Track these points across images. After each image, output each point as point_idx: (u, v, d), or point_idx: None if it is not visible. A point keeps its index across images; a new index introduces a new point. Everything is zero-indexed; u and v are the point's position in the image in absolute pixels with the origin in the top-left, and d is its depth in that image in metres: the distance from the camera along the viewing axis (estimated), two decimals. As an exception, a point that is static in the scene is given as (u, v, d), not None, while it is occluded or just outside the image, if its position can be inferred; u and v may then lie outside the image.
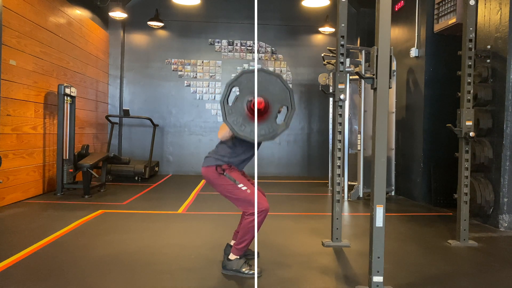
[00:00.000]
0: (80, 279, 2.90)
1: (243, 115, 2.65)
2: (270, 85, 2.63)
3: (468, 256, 3.63)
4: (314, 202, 6.32)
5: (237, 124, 2.64)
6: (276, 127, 2.68)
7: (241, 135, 2.65)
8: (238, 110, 2.65)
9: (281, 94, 2.66)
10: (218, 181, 3.03)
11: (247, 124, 2.64)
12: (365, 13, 9.12)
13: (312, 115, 9.73)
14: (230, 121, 2.63)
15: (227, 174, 3.00)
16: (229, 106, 2.63)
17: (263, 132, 2.66)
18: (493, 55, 4.71)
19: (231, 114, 2.65)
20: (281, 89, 2.66)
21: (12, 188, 5.43)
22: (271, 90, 2.63)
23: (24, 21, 5.65)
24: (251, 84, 2.61)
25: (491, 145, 4.67)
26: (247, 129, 2.64)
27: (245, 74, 2.64)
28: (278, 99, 2.66)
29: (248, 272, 2.99)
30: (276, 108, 2.67)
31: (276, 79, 2.66)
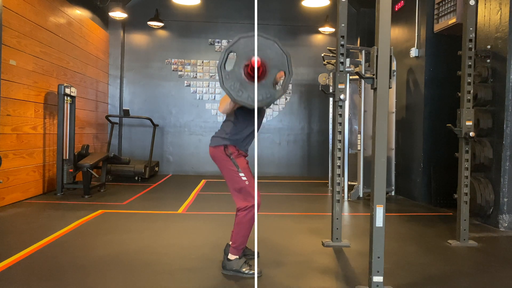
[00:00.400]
0: (80, 279, 2.90)
1: (240, 81, 2.63)
2: (268, 50, 2.60)
3: (468, 256, 3.63)
4: (314, 202, 6.32)
5: (235, 89, 2.62)
6: (274, 92, 2.67)
7: (239, 101, 2.63)
8: (236, 75, 2.63)
9: (278, 59, 2.64)
10: (223, 162, 3.05)
11: (245, 90, 2.63)
12: (365, 13, 9.12)
13: (312, 115, 9.73)
14: (227, 87, 2.62)
15: (233, 159, 3.01)
16: (226, 71, 2.62)
17: (261, 98, 2.64)
18: (493, 55, 4.71)
19: (228, 79, 2.64)
20: (278, 54, 2.64)
21: (12, 188, 5.43)
22: (269, 55, 2.61)
23: (24, 21, 5.65)
24: (248, 49, 2.59)
25: (491, 145, 4.67)
26: (244, 94, 2.63)
27: (242, 39, 2.63)
28: (276, 64, 2.64)
29: (248, 272, 2.99)
30: (274, 73, 2.65)
31: (273, 43, 2.64)
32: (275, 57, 2.64)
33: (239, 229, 3.02)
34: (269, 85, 2.62)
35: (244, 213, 2.98)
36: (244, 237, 3.03)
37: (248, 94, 2.64)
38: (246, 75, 2.64)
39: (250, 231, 3.03)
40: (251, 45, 2.58)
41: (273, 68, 2.64)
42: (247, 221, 2.98)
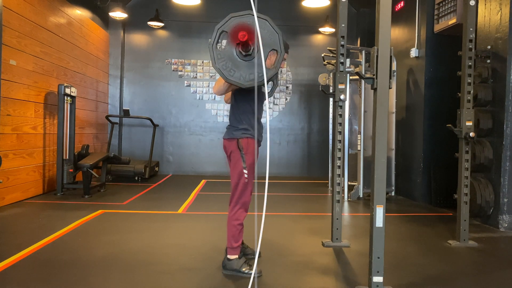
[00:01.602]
0: (80, 279, 2.90)
1: (232, 60, 2.63)
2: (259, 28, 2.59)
3: (468, 257, 3.63)
4: (314, 202, 6.32)
5: (227, 69, 2.62)
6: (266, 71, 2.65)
7: (231, 80, 2.63)
8: (227, 54, 2.62)
9: (270, 38, 2.63)
10: (234, 155, 3.06)
11: (236, 69, 2.62)
12: (365, 13, 9.12)
13: (312, 115, 9.73)
14: (219, 66, 2.62)
15: (244, 154, 3.02)
16: (218, 51, 2.61)
17: (252, 77, 2.64)
18: (493, 56, 4.71)
19: (220, 59, 2.63)
20: (270, 32, 2.63)
21: (12, 188, 5.43)
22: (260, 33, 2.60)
23: (24, 21, 5.65)
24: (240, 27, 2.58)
25: (491, 146, 4.67)
26: (236, 74, 2.63)
27: (233, 17, 2.63)
28: (268, 43, 2.63)
29: (248, 272, 2.99)
30: (266, 51, 2.64)
31: (265, 22, 2.63)
32: (267, 36, 2.63)
33: (228, 229, 3.06)
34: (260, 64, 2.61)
35: (234, 210, 3.04)
36: (233, 236, 3.04)
37: (240, 73, 2.63)
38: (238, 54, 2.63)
39: (239, 230, 3.05)
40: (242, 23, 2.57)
41: (265, 47, 2.62)
42: (235, 219, 3.03)
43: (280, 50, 2.64)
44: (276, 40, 2.63)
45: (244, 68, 2.64)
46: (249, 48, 2.63)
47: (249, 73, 2.63)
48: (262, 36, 2.59)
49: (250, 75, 2.63)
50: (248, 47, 2.63)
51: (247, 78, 2.64)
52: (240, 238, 3.08)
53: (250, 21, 2.56)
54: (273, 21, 2.67)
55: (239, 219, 3.04)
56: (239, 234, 3.05)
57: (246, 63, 2.66)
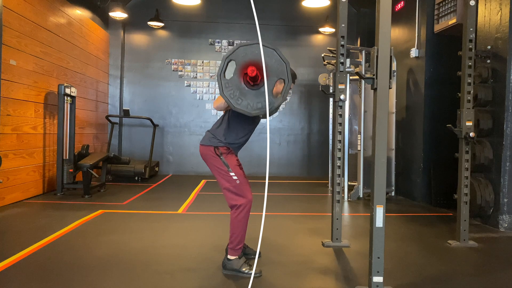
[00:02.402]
0: (80, 279, 2.90)
1: (240, 88, 2.64)
2: (267, 58, 2.60)
3: (468, 257, 3.63)
4: (314, 202, 6.32)
5: (234, 97, 2.63)
6: (273, 100, 2.66)
7: (238, 109, 2.64)
8: (235, 83, 2.63)
9: (278, 67, 2.64)
10: (213, 162, 3.05)
11: (244, 97, 2.63)
12: (365, 13, 9.12)
13: (312, 115, 9.73)
14: (227, 95, 2.62)
15: (223, 158, 3.00)
16: (226, 79, 2.62)
17: (260, 106, 2.65)
18: (493, 56, 4.71)
19: (228, 87, 2.64)
20: (277, 61, 2.64)
21: (12, 188, 5.43)
22: (268, 63, 2.60)
23: (24, 21, 5.65)
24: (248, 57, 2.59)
25: (491, 146, 4.67)
26: (244, 102, 2.63)
27: (241, 47, 2.63)
28: (275, 72, 2.64)
29: (248, 272, 2.99)
30: (273, 80, 2.65)
31: (273, 51, 2.64)
32: (274, 65, 2.64)
33: (234, 229, 3.02)
34: (268, 93, 2.62)
35: (236, 213, 2.99)
36: (238, 236, 3.02)
37: (248, 102, 2.64)
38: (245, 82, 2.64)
39: (244, 230, 3.03)
40: (250, 53, 2.58)
41: (272, 76, 2.64)
42: (240, 220, 2.98)
43: (288, 80, 2.66)
44: (283, 70, 2.65)
45: (251, 96, 2.66)
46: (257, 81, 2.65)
47: (257, 102, 2.65)
48: (270, 65, 2.61)
49: (257, 104, 2.65)
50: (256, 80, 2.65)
51: (255, 107, 2.66)
52: (243, 240, 3.08)
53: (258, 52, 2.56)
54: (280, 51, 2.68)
55: (244, 220, 3.01)
56: (243, 236, 3.05)
57: (254, 92, 2.68)
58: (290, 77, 2.69)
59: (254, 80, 2.66)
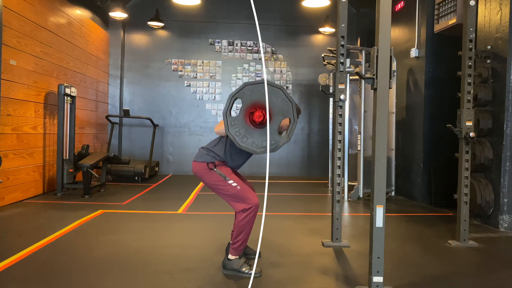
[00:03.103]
0: (80, 279, 2.90)
1: (245, 127, 2.66)
2: (273, 97, 2.64)
3: (468, 257, 3.63)
4: (314, 202, 6.32)
5: (239, 135, 2.65)
6: (278, 139, 2.70)
7: (243, 147, 2.66)
8: (241, 121, 2.65)
9: (283, 106, 2.68)
10: (207, 176, 3.02)
11: (249, 136, 2.66)
12: (365, 13, 9.12)
13: (312, 115, 9.73)
14: (232, 132, 2.65)
15: (217, 170, 2.99)
16: (232, 117, 2.65)
17: (265, 144, 2.67)
18: (493, 56, 4.71)
19: (234, 125, 2.66)
20: (283, 101, 2.67)
21: (12, 188, 5.43)
22: (274, 102, 2.65)
23: (24, 21, 5.65)
24: (254, 96, 2.62)
25: (491, 146, 4.67)
26: (249, 140, 2.66)
27: (248, 86, 2.66)
28: (281, 111, 2.67)
29: (248, 272, 2.99)
30: (279, 119, 2.68)
31: (279, 91, 2.67)
32: (280, 104, 2.68)
33: (239, 231, 3.00)
34: (273, 132, 2.65)
35: (243, 215, 2.96)
36: (243, 239, 3.02)
37: (253, 140, 2.67)
38: (250, 122, 2.66)
39: (249, 233, 3.03)
40: (256, 92, 2.61)
41: (278, 115, 2.67)
42: (246, 223, 2.97)
43: (294, 120, 2.68)
44: (289, 109, 2.69)
45: (257, 135, 2.68)
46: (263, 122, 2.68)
47: (262, 140, 2.67)
48: (276, 104, 2.65)
49: (262, 142, 2.67)
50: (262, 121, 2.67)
51: (260, 145, 2.68)
52: (247, 242, 3.07)
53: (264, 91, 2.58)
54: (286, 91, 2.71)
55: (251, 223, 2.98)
56: (247, 237, 3.04)
57: (259, 130, 2.70)
58: (296, 116, 2.71)
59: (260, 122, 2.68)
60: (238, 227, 3.00)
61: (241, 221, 2.98)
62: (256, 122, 2.67)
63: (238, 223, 3.00)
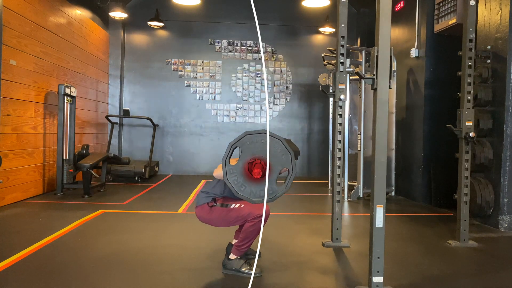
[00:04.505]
0: (80, 279, 2.90)
1: (243, 176, 2.68)
2: (272, 148, 2.67)
3: (468, 257, 3.63)
4: (314, 202, 6.32)
5: (238, 184, 2.68)
6: (276, 189, 2.72)
7: (241, 196, 2.68)
8: (239, 170, 2.67)
9: (282, 156, 2.70)
10: (212, 216, 3.05)
11: (247, 185, 2.68)
12: (365, 13, 9.12)
13: (312, 115, 9.73)
14: (230, 181, 2.67)
15: (218, 203, 3.03)
16: (231, 166, 2.66)
17: (263, 194, 2.68)
18: (493, 56, 4.71)
19: (232, 173, 2.68)
20: (282, 151, 2.70)
21: (12, 188, 5.43)
22: (273, 153, 2.67)
23: (24, 21, 5.65)
24: (253, 146, 2.65)
25: (491, 146, 4.67)
26: (247, 189, 2.68)
27: (247, 135, 2.68)
28: (280, 161, 2.70)
29: (248, 272, 2.99)
30: (277, 169, 2.70)
31: (279, 141, 2.69)
32: (279, 155, 2.70)
33: (245, 236, 3.00)
34: (272, 182, 2.66)
35: (252, 222, 2.95)
36: (249, 243, 3.04)
37: (251, 190, 2.69)
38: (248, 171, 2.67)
39: (255, 238, 3.03)
40: (256, 142, 2.63)
41: (277, 165, 2.68)
42: (254, 230, 2.96)
43: (292, 170, 2.69)
44: (288, 160, 2.70)
45: (255, 184, 2.68)
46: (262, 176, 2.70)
47: (260, 190, 2.69)
48: (275, 155, 2.67)
49: (260, 192, 2.69)
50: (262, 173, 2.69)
51: (257, 195, 2.70)
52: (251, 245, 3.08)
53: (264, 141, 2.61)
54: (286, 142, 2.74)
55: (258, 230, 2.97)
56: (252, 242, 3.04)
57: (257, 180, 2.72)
58: (295, 167, 2.72)
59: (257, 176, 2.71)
60: (246, 232, 2.99)
61: (250, 227, 2.97)
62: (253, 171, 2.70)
63: (246, 228, 2.99)
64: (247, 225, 2.98)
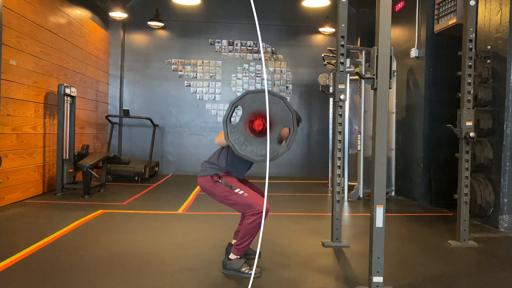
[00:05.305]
0: (80, 279, 2.90)
1: (244, 135, 2.67)
2: (273, 106, 2.65)
3: (468, 257, 3.63)
4: (314, 202, 6.32)
5: (239, 143, 2.66)
6: (277, 148, 2.70)
7: (242, 155, 2.67)
8: (240, 129, 2.66)
9: (284, 116, 2.68)
10: (214, 190, 3.03)
11: (248, 144, 2.66)
12: (365, 13, 9.12)
13: (312, 115, 9.73)
14: (231, 140, 2.65)
15: (223, 181, 3.00)
16: (232, 125, 2.65)
17: (264, 153, 2.67)
18: (493, 56, 4.71)
19: (233, 133, 2.67)
20: (284, 110, 2.68)
21: (12, 188, 5.43)
22: (274, 111, 2.65)
23: (24, 21, 5.65)
24: (255, 104, 2.63)
25: (491, 146, 4.67)
26: (248, 148, 2.67)
27: (249, 94, 2.67)
28: (281, 121, 2.68)
29: (248, 272, 2.98)
30: (279, 129, 2.68)
31: (280, 100, 2.67)
32: (280, 114, 2.69)
33: (245, 233, 3.00)
34: (273, 141, 2.65)
35: (253, 218, 2.94)
36: (249, 241, 3.03)
37: (252, 148, 2.67)
38: (250, 130, 2.67)
39: (254, 236, 3.02)
40: (257, 101, 2.62)
41: (278, 124, 2.67)
42: (254, 227, 2.95)
43: (293, 129, 2.68)
44: (289, 119, 2.69)
45: (256, 143, 2.68)
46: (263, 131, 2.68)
47: (261, 149, 2.68)
48: (276, 114, 2.65)
49: (261, 151, 2.68)
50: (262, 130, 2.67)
51: (259, 154, 2.68)
52: (251, 243, 3.07)
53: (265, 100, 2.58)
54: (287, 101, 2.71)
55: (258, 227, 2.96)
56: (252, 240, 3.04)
57: (259, 139, 2.70)
58: (296, 127, 2.71)
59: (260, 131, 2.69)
60: (245, 230, 2.99)
61: (249, 224, 2.96)
62: (255, 131, 2.68)
63: (245, 225, 2.98)
64: (246, 221, 2.97)
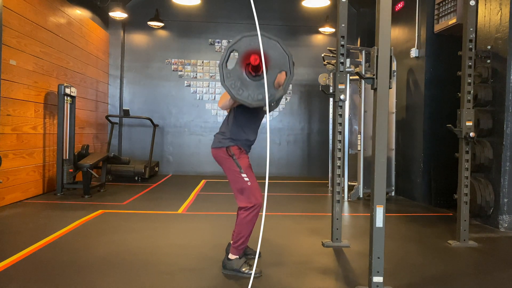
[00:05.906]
0: (80, 279, 2.90)
1: (241, 79, 2.64)
2: (270, 50, 2.61)
3: (468, 257, 3.63)
4: (314, 202, 6.32)
5: (235, 88, 2.64)
6: (274, 92, 2.67)
7: (239, 99, 2.64)
8: (237, 74, 2.64)
9: (280, 59, 2.65)
10: (226, 162, 3.04)
11: (245, 88, 2.64)
12: (365, 13, 9.13)
13: (312, 115, 9.73)
14: (228, 85, 2.63)
15: (236, 159, 3.00)
16: (228, 69, 2.63)
17: (261, 97, 2.65)
18: (493, 56, 4.71)
19: (229, 77, 2.64)
20: (280, 54, 2.65)
21: (12, 188, 5.43)
22: (271, 55, 2.62)
23: (24, 21, 5.65)
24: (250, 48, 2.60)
25: (491, 146, 4.67)
26: (244, 93, 2.64)
27: (245, 37, 2.64)
28: (277, 64, 2.64)
29: (248, 272, 2.98)
30: (275, 72, 2.66)
31: (276, 43, 2.64)
32: (277, 57, 2.65)
33: (240, 229, 3.01)
34: (269, 85, 2.62)
35: (245, 214, 2.97)
36: (244, 237, 3.02)
37: (248, 93, 2.65)
38: (247, 73, 2.65)
39: (251, 232, 3.03)
40: (253, 44, 2.59)
41: (275, 68, 2.64)
42: (248, 221, 2.97)
43: (290, 72, 2.66)
44: (286, 62, 2.65)
45: (252, 87, 2.66)
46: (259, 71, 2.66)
47: (258, 93, 2.65)
48: (272, 57, 2.62)
49: (258, 95, 2.66)
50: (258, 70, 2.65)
51: (255, 98, 2.66)
52: (247, 241, 3.07)
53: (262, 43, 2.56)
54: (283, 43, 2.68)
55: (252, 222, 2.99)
56: (248, 237, 3.04)
57: (255, 83, 2.68)
58: (293, 69, 2.69)
59: (256, 70, 2.66)
60: (239, 226, 3.00)
61: (243, 220, 2.98)
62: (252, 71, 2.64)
63: (240, 221, 3.00)
64: (241, 216, 2.99)
